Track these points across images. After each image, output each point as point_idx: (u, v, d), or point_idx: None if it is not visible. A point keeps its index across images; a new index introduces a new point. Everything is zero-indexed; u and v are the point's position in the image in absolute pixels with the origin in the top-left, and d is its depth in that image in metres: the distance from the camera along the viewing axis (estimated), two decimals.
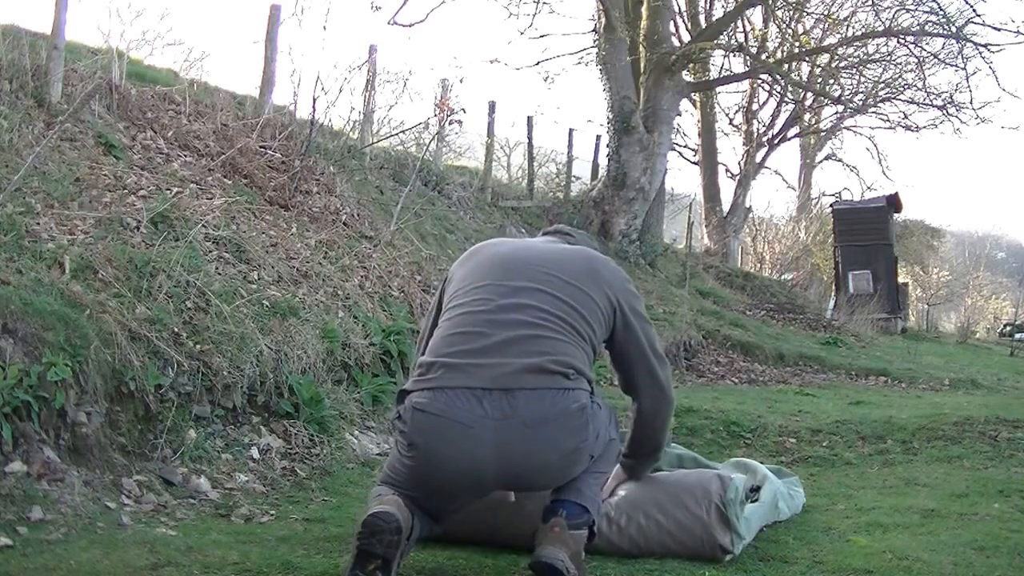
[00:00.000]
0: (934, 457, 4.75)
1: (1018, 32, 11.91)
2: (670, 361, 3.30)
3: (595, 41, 12.71)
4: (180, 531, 2.81)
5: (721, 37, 14.62)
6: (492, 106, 11.45)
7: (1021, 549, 2.86)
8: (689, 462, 3.32)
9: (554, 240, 2.76)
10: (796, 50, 15.95)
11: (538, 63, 13.05)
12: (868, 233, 17.28)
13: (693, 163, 20.78)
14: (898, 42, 15.12)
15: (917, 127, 17.53)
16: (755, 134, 21.39)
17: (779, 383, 8.24)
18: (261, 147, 6.41)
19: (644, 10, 12.54)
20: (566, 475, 2.36)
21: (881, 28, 14.59)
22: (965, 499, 3.68)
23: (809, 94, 19.66)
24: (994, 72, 22.69)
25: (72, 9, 5.54)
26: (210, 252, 4.59)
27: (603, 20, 11.95)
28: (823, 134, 24.82)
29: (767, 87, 19.98)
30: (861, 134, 23.20)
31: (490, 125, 11.53)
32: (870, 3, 15.35)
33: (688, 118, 20.21)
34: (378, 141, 9.07)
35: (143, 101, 6.16)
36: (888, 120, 18.97)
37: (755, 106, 21.58)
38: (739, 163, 21.02)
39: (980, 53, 12.82)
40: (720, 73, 17.16)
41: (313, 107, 6.76)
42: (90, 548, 2.49)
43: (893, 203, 18.16)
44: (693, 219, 13.67)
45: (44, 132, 4.72)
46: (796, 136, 23.44)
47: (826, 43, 17.31)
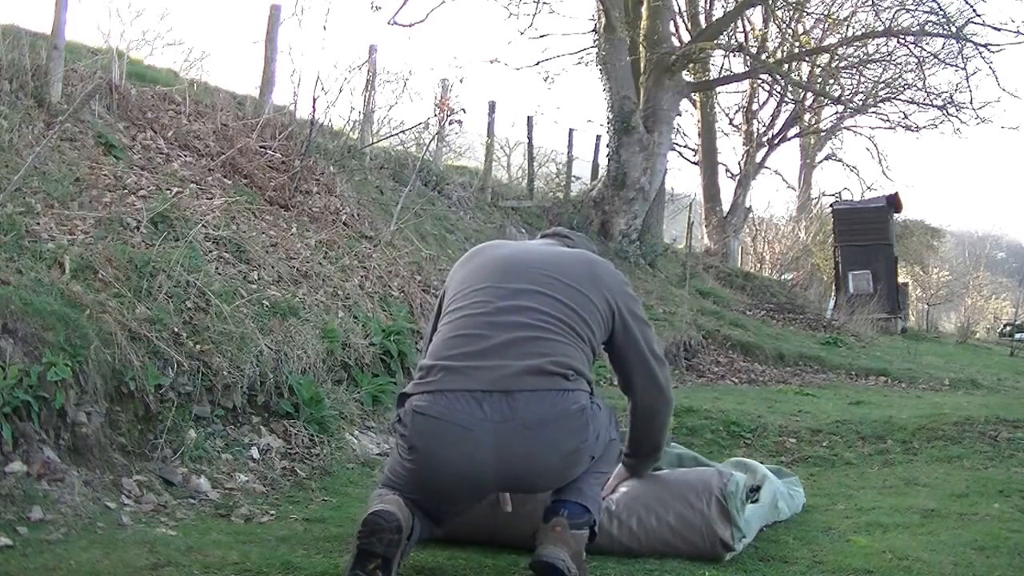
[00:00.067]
0: (934, 457, 4.75)
1: (1018, 32, 11.93)
2: (670, 361, 3.30)
3: (595, 41, 12.71)
4: (180, 531, 2.81)
5: (721, 37, 14.62)
6: (492, 106, 11.45)
7: (1021, 549, 2.86)
8: (689, 461, 3.33)
9: (553, 243, 2.77)
10: (796, 50, 15.95)
11: (538, 63, 13.09)
12: (868, 233, 17.28)
13: (693, 163, 20.79)
14: (898, 42, 15.13)
15: (917, 127, 17.55)
16: (755, 134, 21.39)
17: (779, 383, 8.24)
18: (261, 147, 6.41)
19: (644, 10, 12.54)
20: (567, 476, 2.37)
21: (881, 28, 14.60)
22: (965, 499, 3.68)
23: (809, 94, 19.66)
24: (994, 72, 22.73)
25: (72, 9, 5.55)
26: (210, 252, 4.59)
27: (603, 20, 11.95)
28: (823, 134, 24.81)
29: (767, 87, 19.99)
30: (861, 134, 23.25)
31: (490, 125, 11.53)
32: (870, 3, 15.36)
33: (688, 118, 20.27)
34: (378, 141, 9.07)
35: (143, 101, 6.16)
36: (888, 120, 19.00)
37: (755, 106, 21.60)
38: (739, 163, 21.03)
39: (980, 53, 12.85)
40: (720, 73, 17.17)
41: (313, 107, 6.78)
42: (90, 548, 2.49)
43: (893, 203, 18.16)
44: (693, 219, 13.66)
45: (44, 132, 4.72)
46: (796, 136, 23.45)
47: (826, 43, 17.31)
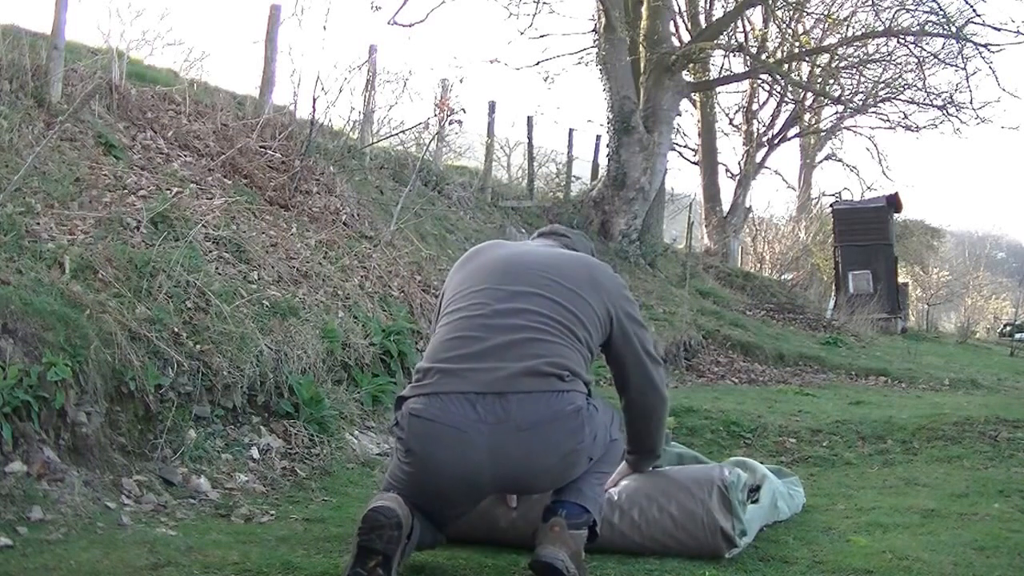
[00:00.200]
0: (934, 457, 4.75)
1: (1018, 32, 11.92)
2: (670, 361, 3.31)
3: (595, 41, 12.71)
4: (180, 531, 2.81)
5: (721, 37, 14.61)
6: (492, 106, 11.45)
7: (1021, 549, 2.86)
8: (690, 460, 3.33)
9: (551, 243, 2.76)
10: (796, 50, 15.95)
11: (538, 63, 13.08)
12: (868, 233, 17.27)
13: (693, 163, 20.79)
14: (898, 42, 15.13)
15: (917, 127, 17.54)
16: (755, 134, 21.39)
17: (779, 383, 8.23)
18: (261, 147, 6.41)
19: (644, 10, 12.54)
20: (565, 477, 2.37)
21: (881, 28, 14.59)
22: (965, 499, 3.68)
23: (809, 94, 19.66)
24: (994, 72, 22.70)
25: (72, 9, 5.55)
26: (210, 252, 4.59)
27: (603, 20, 11.95)
28: (823, 134, 24.81)
29: (767, 87, 19.99)
30: (861, 134, 23.23)
31: (490, 125, 11.53)
32: (870, 3, 15.36)
33: (688, 118, 20.27)
34: (378, 141, 9.07)
35: (143, 101, 6.16)
36: (888, 120, 18.99)
37: (755, 106, 21.60)
38: (739, 163, 21.03)
39: (980, 53, 12.84)
40: (720, 73, 17.15)
41: (313, 107, 6.78)
42: (90, 548, 2.49)
43: (893, 203, 18.15)
44: (693, 219, 13.65)
45: (44, 132, 4.72)
46: (796, 136, 23.45)
47: (826, 43, 17.31)
